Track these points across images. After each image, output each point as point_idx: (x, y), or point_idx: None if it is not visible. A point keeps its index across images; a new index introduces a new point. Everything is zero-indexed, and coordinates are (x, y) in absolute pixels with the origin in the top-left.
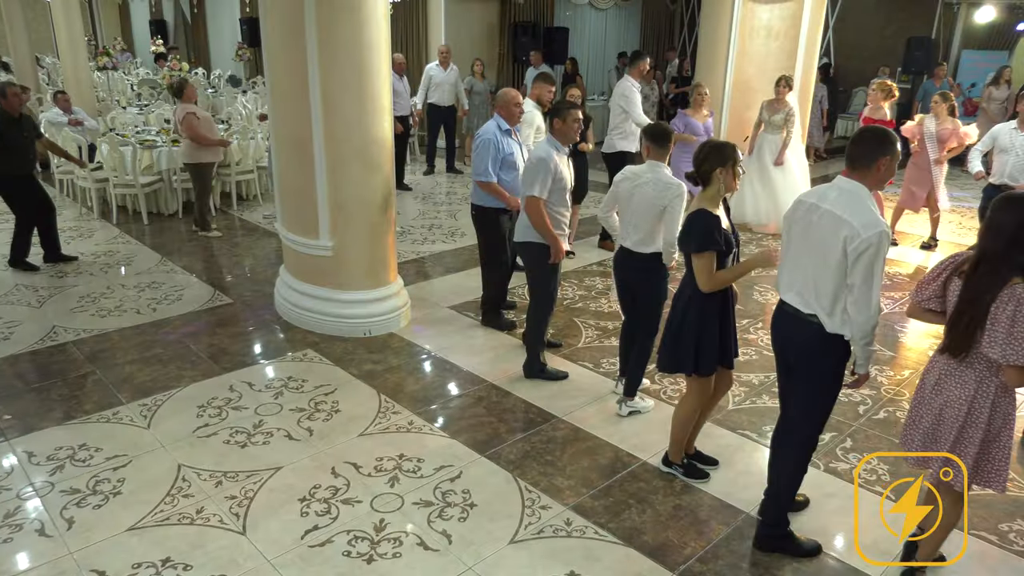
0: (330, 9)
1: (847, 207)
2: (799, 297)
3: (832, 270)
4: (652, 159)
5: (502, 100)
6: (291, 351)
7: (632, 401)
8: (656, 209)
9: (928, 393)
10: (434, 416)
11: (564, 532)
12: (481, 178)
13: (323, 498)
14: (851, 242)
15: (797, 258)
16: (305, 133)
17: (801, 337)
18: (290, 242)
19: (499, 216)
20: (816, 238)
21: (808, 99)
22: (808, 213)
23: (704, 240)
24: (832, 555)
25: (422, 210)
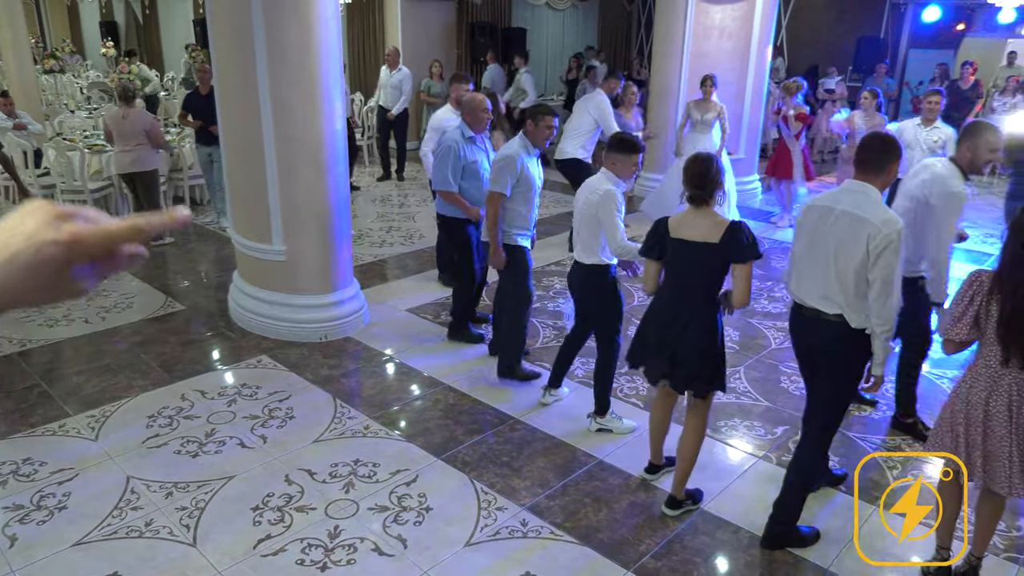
0: (278, 11)
1: (863, 207)
2: (822, 300)
3: (855, 268)
4: (608, 167)
5: (468, 106)
6: (245, 358)
7: (603, 419)
8: (589, 215)
9: (1004, 419)
10: (391, 420)
11: (520, 533)
12: (441, 187)
13: (276, 506)
14: (873, 239)
15: (814, 262)
16: (255, 137)
17: (826, 338)
18: (243, 247)
19: (463, 226)
20: (834, 240)
21: (761, 97)
22: (822, 217)
23: (758, 247)
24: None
25: (380, 212)
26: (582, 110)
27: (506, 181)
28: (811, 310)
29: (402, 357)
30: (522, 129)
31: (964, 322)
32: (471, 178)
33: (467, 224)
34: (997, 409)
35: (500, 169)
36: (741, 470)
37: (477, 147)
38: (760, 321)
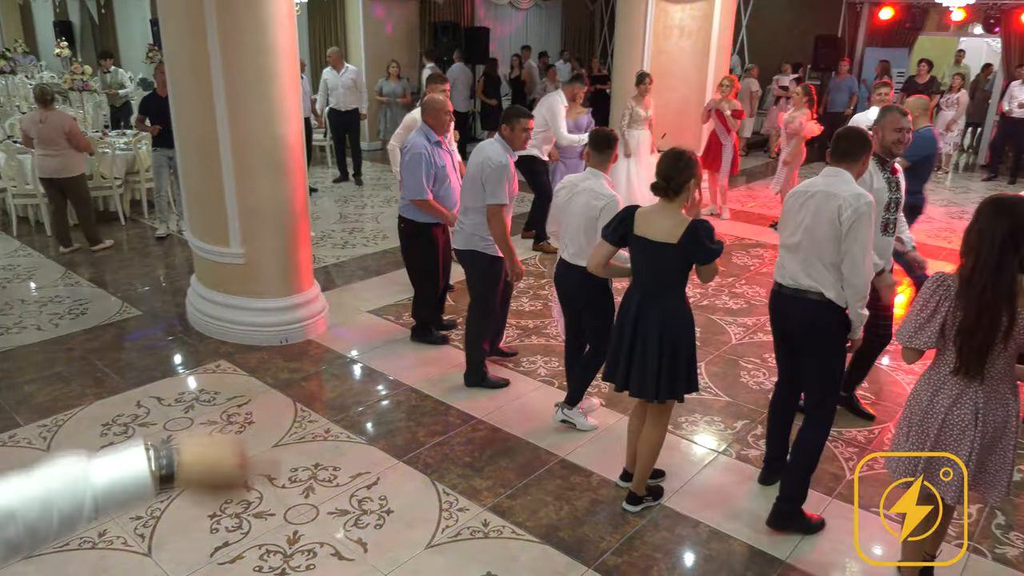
0: (231, 11)
1: (835, 185)
2: (800, 273)
3: (828, 241)
4: (592, 166)
5: (430, 108)
6: (203, 363)
7: (571, 411)
8: (590, 220)
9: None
10: (352, 423)
11: (482, 533)
12: (417, 196)
13: (234, 513)
14: (843, 211)
15: (791, 243)
16: (211, 138)
17: (806, 314)
18: (200, 250)
19: (433, 231)
20: (808, 217)
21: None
22: (802, 200)
23: (718, 247)
24: (741, 539)
25: (343, 213)
26: (536, 111)
27: (505, 192)
28: (790, 288)
29: (364, 359)
30: (498, 133)
31: (930, 329)
32: (440, 183)
33: (435, 227)
34: (960, 418)
35: (496, 181)
36: (701, 465)
37: (442, 149)
38: (721, 317)
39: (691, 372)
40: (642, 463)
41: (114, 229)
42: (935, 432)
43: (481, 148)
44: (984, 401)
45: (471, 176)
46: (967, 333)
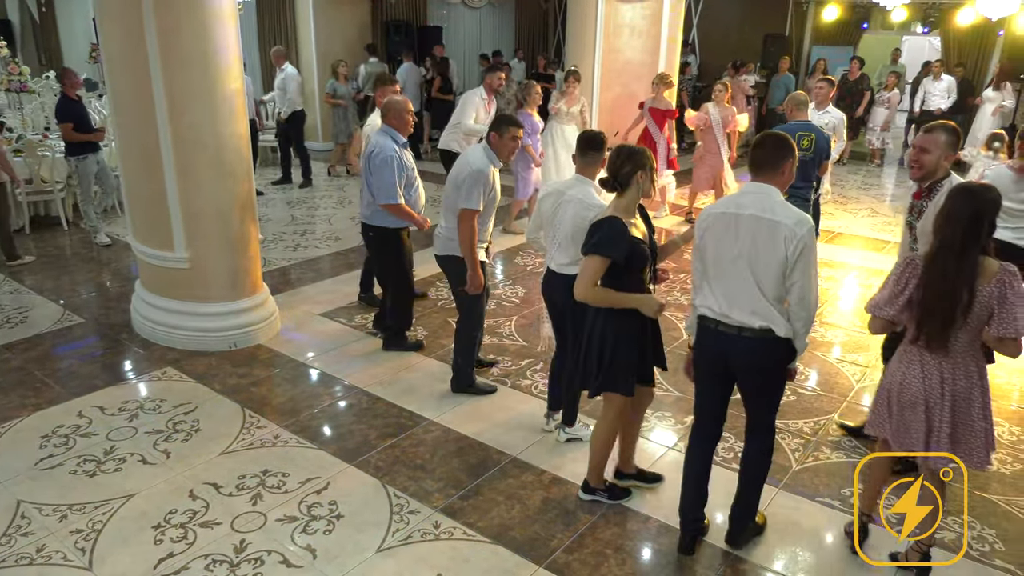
0: (170, 10)
1: (772, 209)
2: (745, 311)
3: (775, 274)
4: (579, 171)
5: (393, 109)
6: (148, 370)
7: (572, 428)
8: (580, 231)
9: (936, 396)
10: (302, 428)
11: (432, 535)
12: (390, 200)
13: (179, 523)
14: (790, 242)
15: (729, 273)
16: (152, 140)
17: (752, 353)
18: (143, 255)
19: (401, 235)
20: (747, 247)
21: (672, 94)
22: (728, 224)
23: (601, 243)
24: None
25: (295, 216)
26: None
27: (479, 198)
28: (730, 326)
29: (315, 362)
30: (486, 139)
31: (899, 302)
32: (410, 186)
33: (402, 231)
34: (929, 387)
35: (472, 185)
36: (652, 460)
37: (408, 152)
38: (672, 313)
39: (608, 369)
40: (592, 455)
41: (57, 235)
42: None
43: (466, 153)
44: (950, 373)
45: (451, 180)
46: (927, 309)
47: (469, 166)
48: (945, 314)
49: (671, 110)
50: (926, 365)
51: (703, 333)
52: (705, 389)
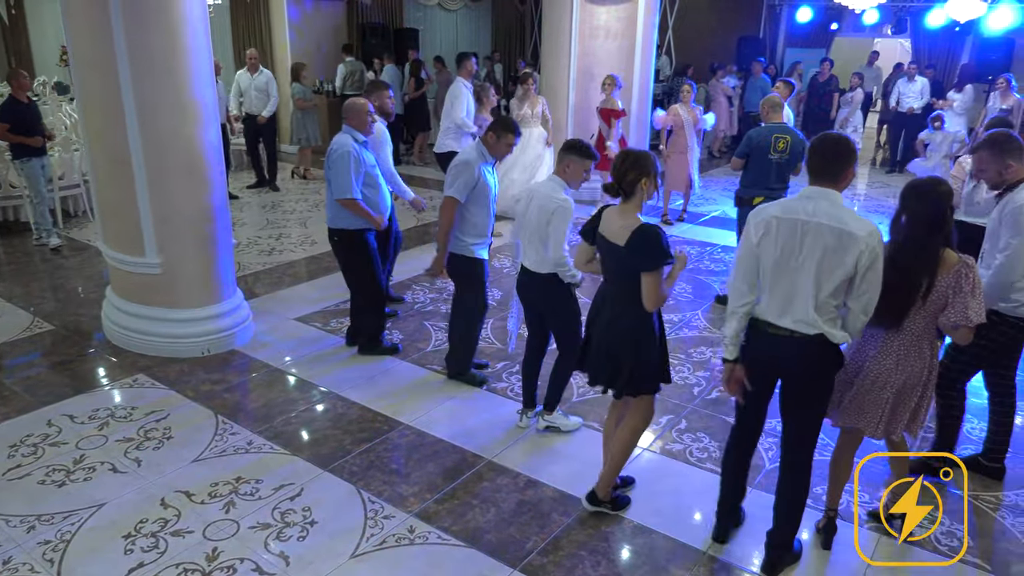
0: (138, 13)
1: (841, 218)
2: (800, 320)
3: (838, 284)
4: (558, 171)
5: (351, 111)
6: (119, 378)
7: (551, 416)
8: (541, 225)
9: (887, 374)
10: (275, 433)
11: (407, 540)
12: (345, 195)
13: (150, 532)
14: (863, 255)
15: (791, 278)
16: (121, 145)
17: (798, 358)
18: (114, 261)
19: (365, 236)
20: (817, 254)
21: (647, 96)
22: (793, 230)
23: (661, 256)
24: (663, 532)
25: (270, 219)
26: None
27: (462, 187)
28: (784, 329)
29: (289, 367)
30: (482, 137)
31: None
32: (370, 185)
33: (366, 232)
34: (883, 365)
35: (457, 175)
36: (627, 461)
37: (369, 151)
38: None
39: (647, 371)
40: (611, 462)
41: (26, 240)
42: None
43: (463, 151)
44: (904, 353)
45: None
46: (892, 295)
47: (459, 159)
48: (906, 299)
49: (618, 110)
50: (891, 342)
51: (753, 335)
52: (750, 392)
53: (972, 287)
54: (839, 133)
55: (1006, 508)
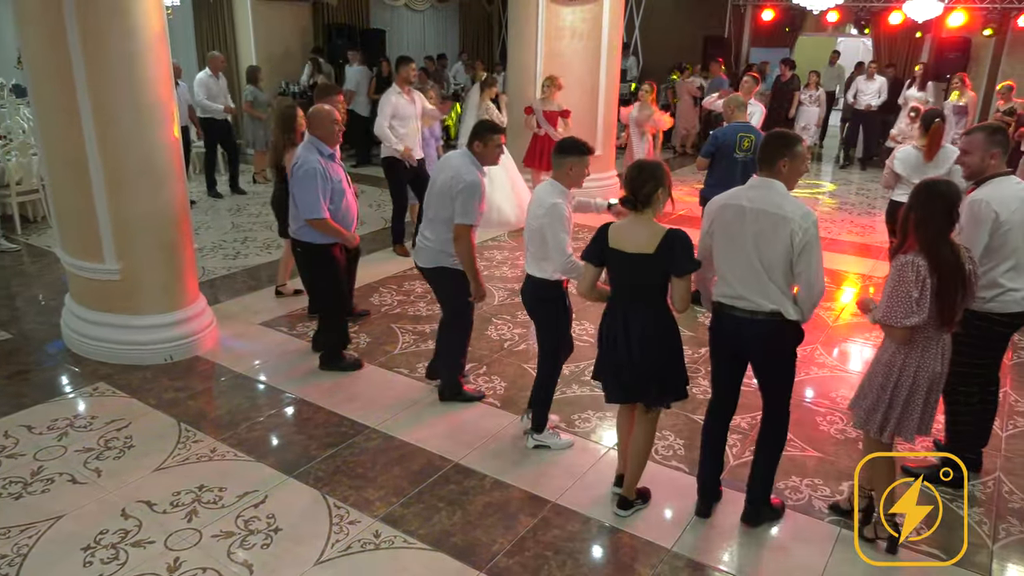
0: (95, 14)
1: (778, 203)
2: (756, 299)
3: (782, 264)
4: (555, 176)
5: (318, 119)
6: (80, 386)
7: (540, 436)
8: (536, 229)
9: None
10: (240, 440)
11: (373, 545)
12: (312, 215)
13: (110, 543)
14: (796, 235)
15: (738, 262)
16: (78, 149)
17: (765, 335)
18: (72, 267)
19: (331, 251)
20: (752, 237)
21: (615, 96)
22: (736, 216)
23: (692, 260)
24: (629, 531)
25: (236, 223)
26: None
27: (476, 212)
28: (744, 310)
29: (254, 373)
30: (468, 148)
31: (923, 305)
32: (337, 200)
33: (332, 247)
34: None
35: (468, 199)
36: (593, 461)
37: (335, 163)
38: None
39: (678, 379)
40: (634, 466)
41: None
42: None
43: (448, 161)
44: (948, 345)
45: (439, 191)
46: (948, 294)
47: (461, 178)
48: (959, 292)
49: (564, 110)
50: (938, 345)
51: (718, 316)
52: (720, 369)
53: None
54: (782, 130)
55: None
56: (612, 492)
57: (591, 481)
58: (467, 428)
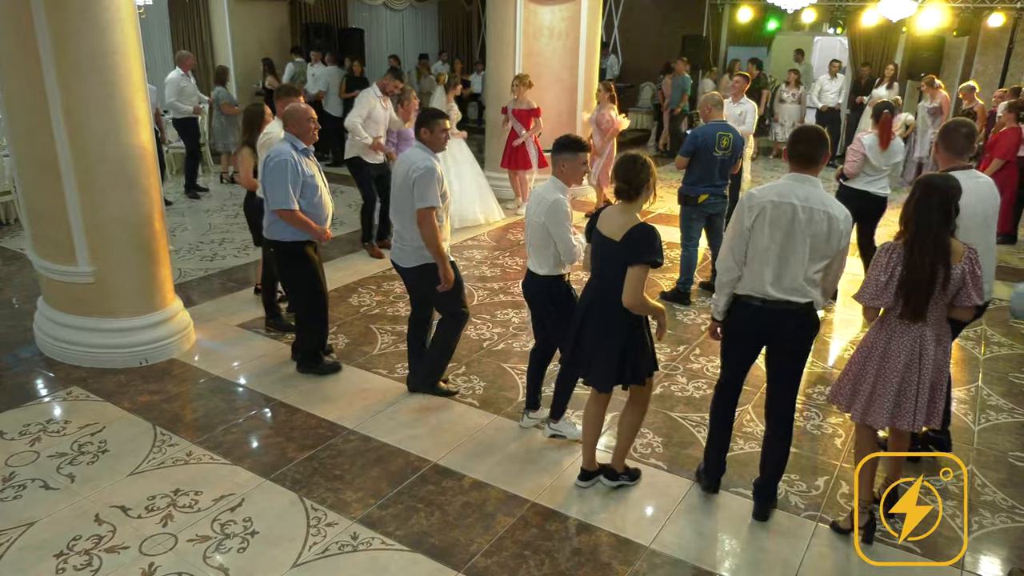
0: (63, 15)
1: (825, 202)
2: (794, 291)
3: (820, 257)
4: (555, 173)
5: (293, 117)
6: (53, 391)
7: (556, 424)
8: (538, 226)
9: (914, 368)
10: (216, 444)
11: (350, 547)
12: (281, 206)
13: (84, 549)
14: (842, 235)
15: (788, 254)
16: (49, 151)
17: (795, 325)
18: (45, 270)
19: (305, 249)
20: (809, 234)
21: (592, 96)
22: (785, 213)
23: (650, 253)
24: (607, 529)
25: (213, 224)
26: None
27: (435, 194)
28: (779, 302)
29: (231, 375)
30: (416, 138)
31: (890, 290)
32: (311, 194)
33: (307, 245)
34: (910, 357)
35: (427, 184)
36: (570, 459)
37: (310, 160)
38: None
39: (635, 363)
40: (621, 440)
41: None
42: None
43: (405, 157)
44: (928, 341)
45: (399, 187)
46: (914, 286)
47: (415, 166)
48: (928, 288)
49: (534, 108)
50: (907, 335)
51: (743, 311)
52: (739, 356)
53: (981, 269)
54: (815, 126)
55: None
56: (577, 485)
57: (570, 479)
58: (446, 428)
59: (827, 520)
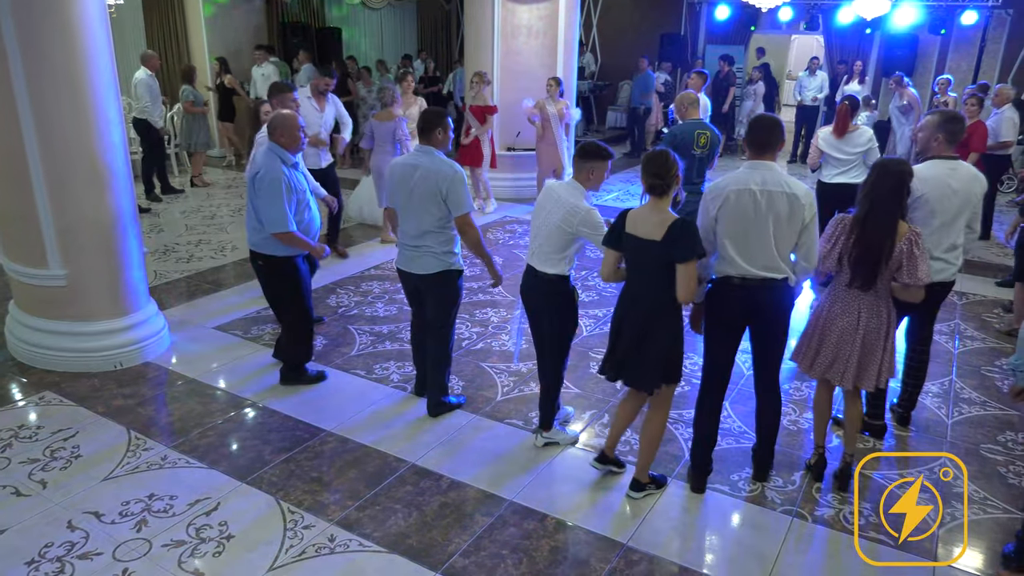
0: (29, 14)
1: (787, 183)
2: (768, 268)
3: (790, 236)
4: (576, 178)
5: (281, 125)
6: (25, 396)
7: (548, 433)
8: (560, 230)
9: (851, 331)
10: (192, 447)
11: (327, 549)
12: (279, 229)
13: (56, 556)
14: (807, 210)
15: (754, 238)
16: (18, 153)
17: (774, 300)
18: (16, 273)
19: (295, 262)
20: (771, 216)
21: (572, 93)
22: (749, 199)
23: (696, 247)
24: (585, 527)
25: (189, 225)
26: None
27: (470, 197)
28: (757, 279)
29: (207, 378)
30: (429, 143)
31: (832, 258)
32: (302, 210)
33: (295, 258)
34: (848, 322)
35: (462, 189)
36: (549, 457)
37: (299, 172)
38: None
39: (676, 362)
40: (646, 449)
41: None
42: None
43: (410, 162)
44: (866, 310)
45: (421, 195)
46: (861, 260)
47: (442, 173)
48: (875, 262)
49: (490, 106)
50: (853, 303)
51: (723, 290)
52: (722, 341)
53: (921, 251)
54: (769, 114)
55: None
56: (592, 465)
57: (547, 479)
58: (424, 429)
59: (804, 515)
